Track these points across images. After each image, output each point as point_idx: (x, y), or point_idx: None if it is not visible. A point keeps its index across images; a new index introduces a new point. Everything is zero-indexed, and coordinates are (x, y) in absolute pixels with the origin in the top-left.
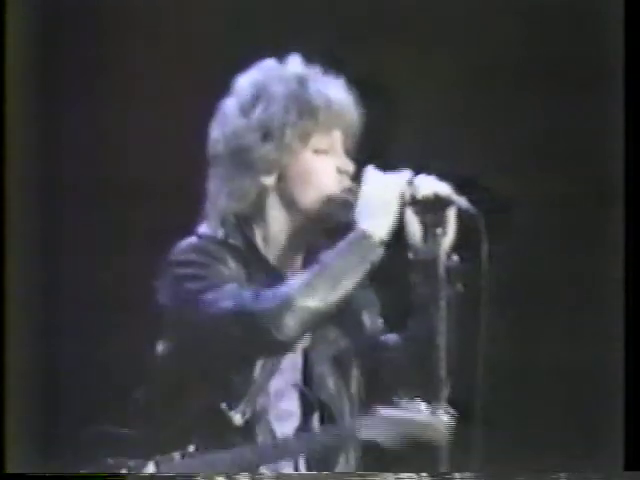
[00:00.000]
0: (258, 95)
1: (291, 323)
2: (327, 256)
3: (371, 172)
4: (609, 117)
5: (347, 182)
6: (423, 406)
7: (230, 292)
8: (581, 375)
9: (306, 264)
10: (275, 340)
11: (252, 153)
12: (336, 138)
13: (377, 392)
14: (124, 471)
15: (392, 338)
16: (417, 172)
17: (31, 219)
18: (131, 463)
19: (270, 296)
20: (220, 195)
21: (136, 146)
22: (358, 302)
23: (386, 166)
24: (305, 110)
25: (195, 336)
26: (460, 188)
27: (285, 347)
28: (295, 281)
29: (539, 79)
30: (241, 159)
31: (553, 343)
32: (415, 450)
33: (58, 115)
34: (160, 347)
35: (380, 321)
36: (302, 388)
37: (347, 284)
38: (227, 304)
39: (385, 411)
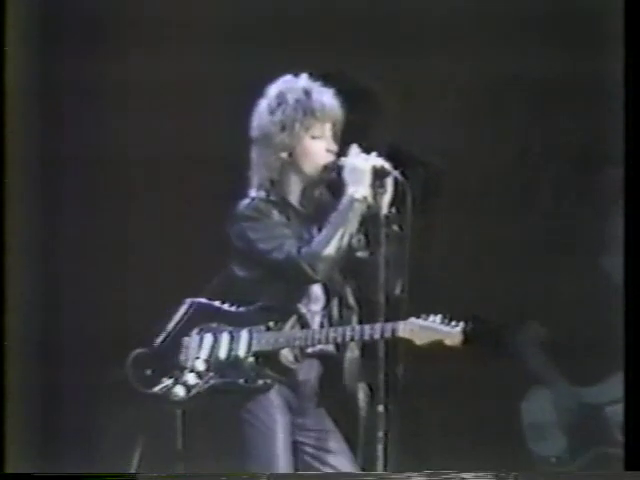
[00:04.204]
0: (279, 102)
1: (321, 268)
2: (332, 217)
3: (354, 150)
4: None
5: (333, 157)
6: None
7: (279, 246)
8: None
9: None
10: (313, 279)
11: (274, 139)
12: (327, 128)
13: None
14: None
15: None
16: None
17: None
18: None
19: (305, 252)
20: (258, 167)
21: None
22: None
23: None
24: (307, 111)
25: (257, 272)
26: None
27: (318, 281)
28: (318, 238)
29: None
30: (268, 142)
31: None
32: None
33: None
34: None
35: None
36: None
37: (348, 233)
38: (279, 256)
39: (417, 320)
